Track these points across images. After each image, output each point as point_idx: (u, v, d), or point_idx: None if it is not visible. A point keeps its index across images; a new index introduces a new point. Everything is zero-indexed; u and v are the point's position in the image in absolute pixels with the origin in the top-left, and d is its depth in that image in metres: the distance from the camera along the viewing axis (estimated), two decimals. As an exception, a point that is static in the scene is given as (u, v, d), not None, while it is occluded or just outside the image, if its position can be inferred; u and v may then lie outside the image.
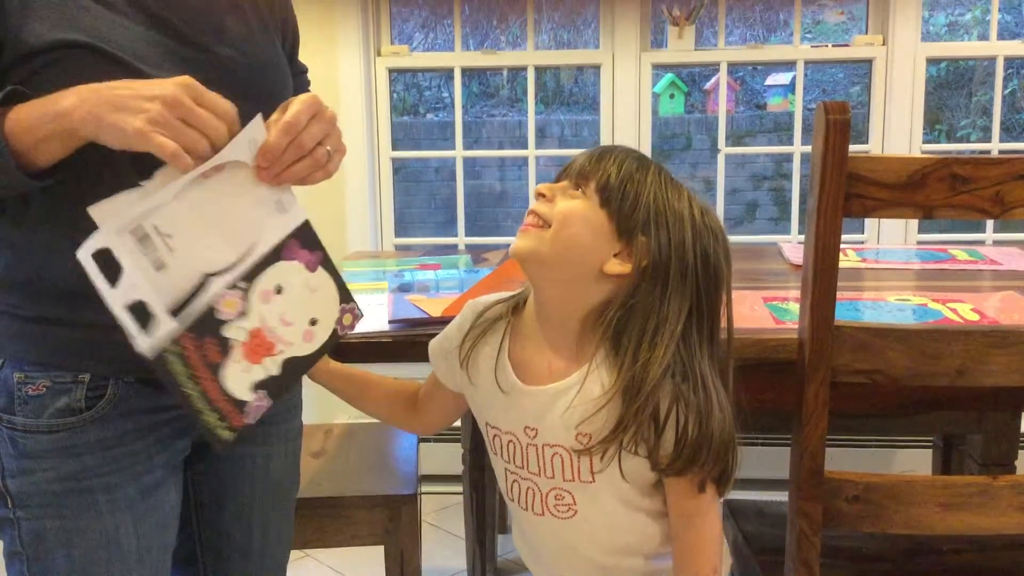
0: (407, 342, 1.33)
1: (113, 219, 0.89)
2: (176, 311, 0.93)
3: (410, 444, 1.92)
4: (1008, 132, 5.20)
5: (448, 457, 2.65)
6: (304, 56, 1.25)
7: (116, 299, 0.90)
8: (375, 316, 1.42)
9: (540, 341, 1.04)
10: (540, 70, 3.04)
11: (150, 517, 1.05)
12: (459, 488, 2.37)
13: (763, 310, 1.44)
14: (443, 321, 1.34)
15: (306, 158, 0.97)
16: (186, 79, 0.89)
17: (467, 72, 3.01)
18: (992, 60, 2.75)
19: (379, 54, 2.84)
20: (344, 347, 1.25)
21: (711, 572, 1.05)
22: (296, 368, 1.02)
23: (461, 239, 2.96)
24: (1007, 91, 5.40)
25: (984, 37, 2.80)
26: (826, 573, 1.21)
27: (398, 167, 3.01)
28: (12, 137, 0.89)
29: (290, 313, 1.00)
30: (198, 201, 0.92)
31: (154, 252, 0.91)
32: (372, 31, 2.82)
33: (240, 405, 0.98)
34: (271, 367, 0.99)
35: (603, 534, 1.05)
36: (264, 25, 1.12)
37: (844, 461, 2.58)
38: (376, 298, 1.57)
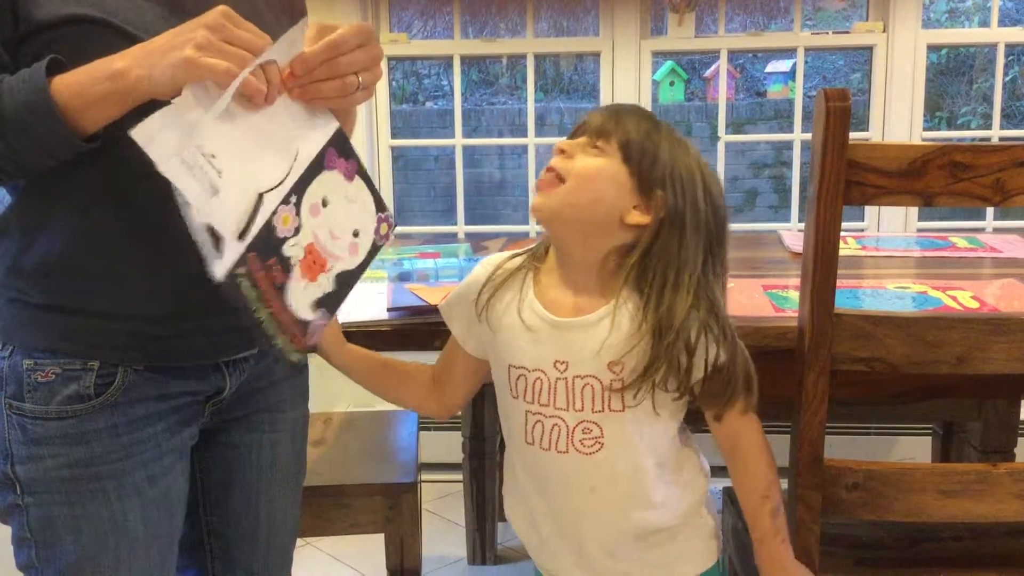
0: (407, 331, 1.33)
1: (156, 139, 0.86)
2: (240, 234, 0.91)
3: (410, 432, 1.92)
4: (1009, 119, 5.19)
5: (448, 445, 2.65)
6: (302, 44, 1.25)
7: (196, 218, 0.87)
8: (375, 305, 1.42)
9: (563, 283, 1.09)
10: (539, 58, 3.03)
11: (158, 504, 1.06)
12: (459, 476, 2.37)
13: (763, 298, 1.44)
14: (442, 310, 1.34)
15: (336, 80, 0.95)
16: (224, 7, 0.89)
17: (466, 60, 3.00)
18: (993, 47, 2.74)
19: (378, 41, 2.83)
20: (345, 336, 1.25)
21: (768, 485, 1.12)
22: (346, 281, 1.01)
23: (461, 227, 2.95)
24: (1008, 78, 5.39)
25: (985, 23, 2.79)
26: (825, 560, 1.21)
27: (397, 155, 3.01)
28: (61, 101, 0.88)
29: (336, 226, 0.99)
30: (233, 117, 0.90)
31: (204, 175, 0.89)
32: (371, 19, 2.81)
33: (304, 325, 0.98)
34: (326, 284, 0.99)
35: (625, 473, 1.08)
36: (271, 5, 1.12)
37: (844, 449, 2.59)
38: (375, 287, 1.57)
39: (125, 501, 1.02)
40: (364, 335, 1.32)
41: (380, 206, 1.03)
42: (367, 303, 1.43)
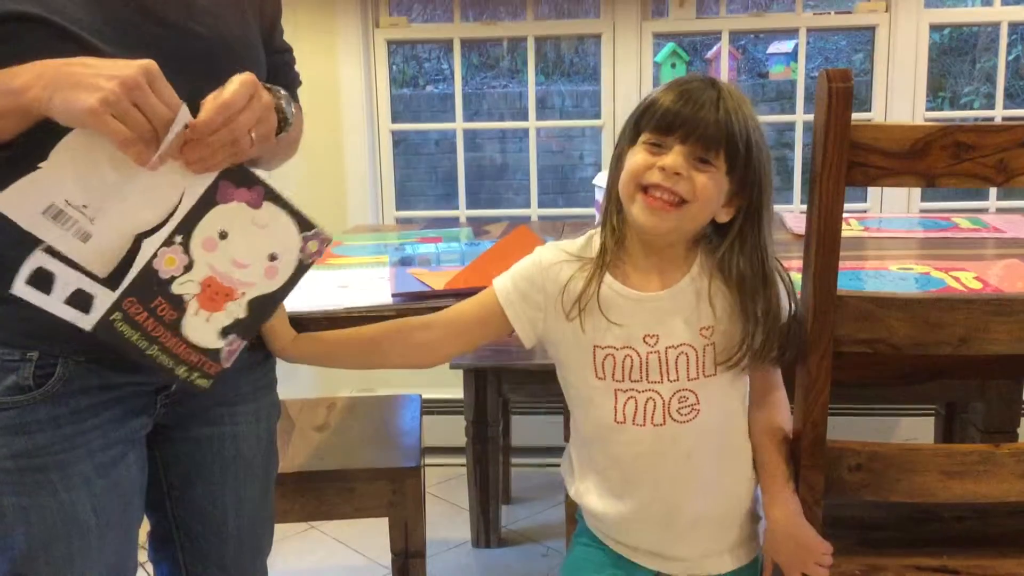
0: (409, 315, 1.33)
1: (21, 207, 0.89)
2: (113, 278, 0.94)
3: (413, 417, 1.93)
4: (1012, 99, 5.16)
5: (451, 429, 2.66)
6: (302, 29, 1.24)
7: (54, 304, 0.93)
8: (378, 290, 1.42)
9: (643, 265, 1.12)
10: (540, 40, 3.03)
11: (109, 494, 1.05)
12: (462, 460, 2.38)
13: (765, 280, 1.43)
14: (446, 294, 1.34)
15: (228, 148, 0.93)
16: (148, 63, 0.87)
17: (466, 43, 2.99)
18: (996, 26, 2.73)
19: (377, 26, 2.82)
20: (347, 322, 1.26)
21: (788, 428, 1.16)
22: (264, 306, 1.03)
23: (462, 212, 2.95)
24: (1011, 57, 5.36)
25: (988, 3, 2.77)
26: (828, 541, 1.21)
27: (398, 140, 3.00)
28: None
29: (243, 254, 1.00)
30: (112, 166, 0.91)
31: (75, 225, 0.91)
32: (370, 3, 2.79)
33: (213, 353, 1.01)
34: (236, 310, 1.01)
35: (718, 432, 1.13)
36: (236, 1, 1.09)
37: (846, 430, 2.59)
38: (378, 272, 1.57)
39: (73, 492, 1.01)
40: (369, 321, 1.32)
41: (305, 226, 1.02)
42: (370, 288, 1.43)
